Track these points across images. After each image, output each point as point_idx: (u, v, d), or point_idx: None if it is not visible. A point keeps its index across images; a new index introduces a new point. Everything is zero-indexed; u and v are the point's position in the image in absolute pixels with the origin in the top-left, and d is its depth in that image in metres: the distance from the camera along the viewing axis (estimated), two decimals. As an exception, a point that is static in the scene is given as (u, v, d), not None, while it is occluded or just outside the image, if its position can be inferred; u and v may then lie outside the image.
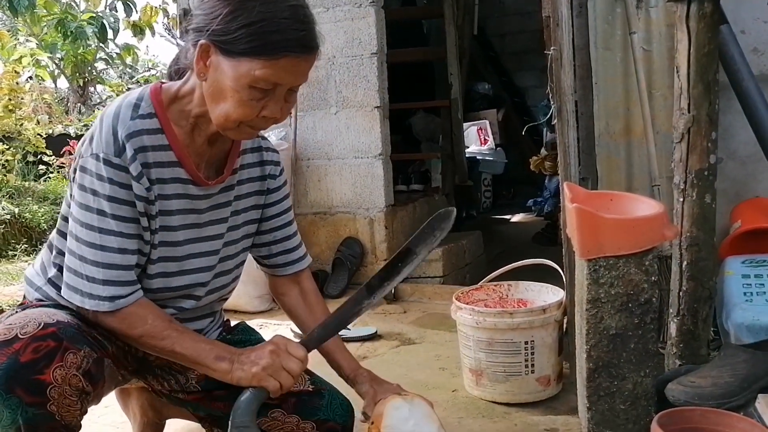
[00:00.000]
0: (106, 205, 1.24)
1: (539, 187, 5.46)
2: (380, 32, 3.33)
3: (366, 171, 3.36)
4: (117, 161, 1.23)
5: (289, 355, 1.29)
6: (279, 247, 1.54)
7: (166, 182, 1.31)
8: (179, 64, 1.36)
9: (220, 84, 1.21)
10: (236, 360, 1.28)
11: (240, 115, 1.22)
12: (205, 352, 1.28)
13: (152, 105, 1.29)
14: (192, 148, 1.34)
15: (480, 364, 2.00)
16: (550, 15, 2.11)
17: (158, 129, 1.29)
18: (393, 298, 3.16)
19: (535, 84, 6.64)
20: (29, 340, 1.14)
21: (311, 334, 1.41)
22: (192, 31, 1.25)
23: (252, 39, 1.17)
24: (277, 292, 1.60)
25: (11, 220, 4.88)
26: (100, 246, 1.24)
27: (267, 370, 1.27)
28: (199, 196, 1.36)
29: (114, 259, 1.24)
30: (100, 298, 1.24)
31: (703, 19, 1.65)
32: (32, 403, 1.12)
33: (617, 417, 1.52)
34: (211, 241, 1.40)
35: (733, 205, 2.45)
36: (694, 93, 1.67)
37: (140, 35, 9.20)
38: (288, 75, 1.21)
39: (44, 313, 1.22)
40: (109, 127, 1.25)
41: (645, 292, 1.48)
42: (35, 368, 1.12)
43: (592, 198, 1.64)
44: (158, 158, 1.29)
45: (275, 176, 1.51)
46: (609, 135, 2.55)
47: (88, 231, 1.24)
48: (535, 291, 2.20)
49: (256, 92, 1.20)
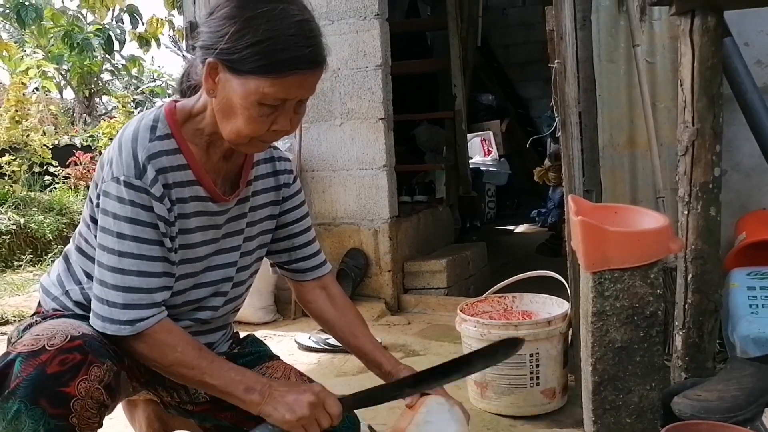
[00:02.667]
0: (126, 228, 1.24)
1: (543, 197, 5.47)
2: (384, 44, 3.35)
3: (370, 182, 3.36)
4: (138, 183, 1.24)
5: (325, 412, 1.27)
6: (299, 253, 1.55)
7: (186, 201, 1.32)
8: (191, 80, 1.37)
9: (229, 101, 1.22)
10: (268, 394, 1.26)
11: (251, 131, 1.23)
12: (234, 383, 1.26)
13: (168, 125, 1.30)
14: (209, 165, 1.35)
15: (485, 377, 2.00)
16: (554, 28, 2.13)
17: (176, 149, 1.30)
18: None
19: (539, 95, 6.66)
20: (56, 352, 1.15)
21: (352, 396, 1.39)
22: (200, 48, 1.25)
23: (259, 58, 1.17)
24: (304, 299, 1.59)
25: (17, 230, 4.90)
26: (119, 270, 1.23)
27: (301, 422, 1.24)
28: (218, 212, 1.37)
29: (133, 282, 1.23)
30: (120, 323, 1.23)
31: (706, 32, 1.65)
32: (55, 415, 1.13)
33: (623, 430, 1.51)
34: (228, 253, 1.41)
35: (738, 217, 2.45)
36: (698, 106, 1.67)
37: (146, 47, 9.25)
38: (296, 90, 1.22)
39: (70, 325, 1.23)
40: (129, 150, 1.25)
41: (650, 305, 1.48)
42: (61, 380, 1.14)
43: (597, 211, 1.64)
44: (177, 178, 1.30)
45: (289, 184, 1.52)
46: (613, 147, 2.55)
47: (109, 255, 1.24)
48: (540, 303, 2.20)
49: (266, 108, 1.21)
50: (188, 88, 1.38)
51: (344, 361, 2.55)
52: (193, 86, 1.36)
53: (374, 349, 1.51)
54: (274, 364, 1.50)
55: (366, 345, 1.50)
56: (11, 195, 5.42)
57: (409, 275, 3.47)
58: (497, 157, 6.11)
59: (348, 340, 1.55)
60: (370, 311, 3.16)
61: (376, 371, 1.51)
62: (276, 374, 1.47)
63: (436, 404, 1.38)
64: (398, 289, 3.40)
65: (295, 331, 2.99)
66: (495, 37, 6.89)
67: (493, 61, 6.82)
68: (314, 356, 2.70)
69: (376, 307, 3.24)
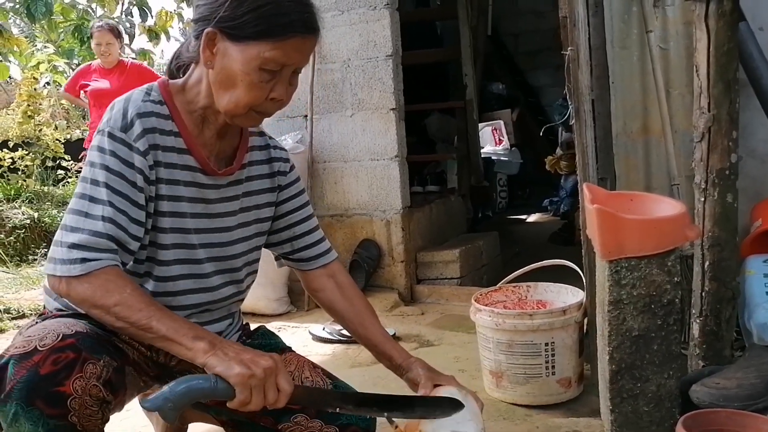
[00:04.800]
0: (101, 174, 1.23)
1: (555, 186, 5.44)
2: (395, 34, 3.34)
3: (382, 173, 3.36)
4: (121, 135, 1.25)
5: (275, 384, 1.18)
6: (301, 242, 1.54)
7: (175, 167, 1.32)
8: (181, 59, 1.38)
9: (228, 70, 1.24)
10: (219, 347, 1.17)
11: (251, 98, 1.25)
12: (183, 329, 1.17)
13: (161, 95, 1.32)
14: (201, 139, 1.35)
15: (500, 366, 2.00)
16: (567, 15, 2.11)
17: (168, 115, 1.31)
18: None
19: (550, 83, 6.62)
20: (48, 352, 1.13)
21: (305, 388, 1.37)
22: (196, 21, 1.28)
23: (259, 22, 1.21)
24: (311, 288, 1.58)
25: (31, 224, 4.95)
26: (85, 213, 1.21)
27: (251, 380, 1.14)
28: (208, 185, 1.37)
29: (96, 226, 1.20)
30: (71, 261, 1.17)
31: (722, 17, 1.63)
32: (53, 415, 1.11)
33: (641, 419, 1.51)
34: (220, 233, 1.40)
35: (753, 203, 2.42)
36: (714, 92, 1.66)
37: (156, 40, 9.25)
38: (296, 54, 1.25)
39: (63, 324, 1.21)
40: (120, 108, 1.27)
41: (668, 293, 1.47)
42: (55, 380, 1.12)
43: (612, 198, 1.63)
44: (167, 143, 1.30)
45: (285, 172, 1.52)
46: (627, 134, 2.53)
47: (79, 199, 1.23)
48: (555, 292, 2.20)
49: (266, 74, 1.24)
50: (177, 69, 1.39)
51: (359, 352, 2.56)
52: (182, 66, 1.37)
53: (384, 341, 1.50)
54: (287, 356, 1.49)
55: (376, 336, 1.49)
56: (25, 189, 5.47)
57: (422, 265, 3.47)
58: (508, 146, 6.09)
59: (357, 330, 1.54)
60: (383, 302, 3.16)
61: (386, 363, 1.50)
62: (289, 367, 1.45)
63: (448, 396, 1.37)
64: (411, 279, 3.40)
65: (309, 322, 3.00)
66: (505, 25, 6.85)
67: (504, 50, 6.79)
68: (329, 347, 2.70)
69: (389, 298, 3.24)
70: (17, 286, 4.10)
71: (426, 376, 1.42)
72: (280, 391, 1.18)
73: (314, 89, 3.42)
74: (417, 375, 1.43)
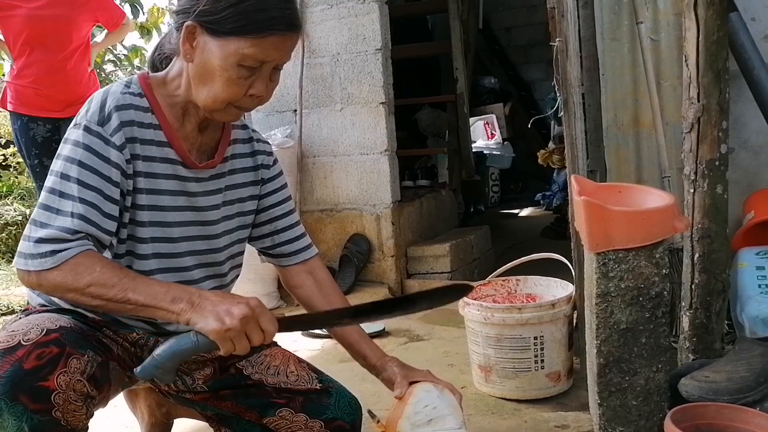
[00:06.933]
0: (73, 170, 1.20)
1: (547, 180, 5.43)
2: (384, 28, 3.31)
3: (372, 167, 3.33)
4: (97, 129, 1.23)
5: (257, 327, 1.18)
6: (282, 237, 1.52)
7: (154, 161, 1.30)
8: (164, 51, 1.36)
9: (207, 64, 1.23)
10: (197, 303, 1.17)
11: (229, 94, 1.24)
12: (160, 294, 1.16)
13: (141, 87, 1.31)
14: (182, 132, 1.33)
15: (489, 361, 1.98)
16: (555, 6, 2.09)
17: (147, 108, 1.29)
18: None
19: (542, 77, 6.60)
20: (32, 347, 1.12)
21: (290, 318, 1.34)
22: (176, 14, 1.26)
23: (239, 18, 1.19)
24: (290, 284, 1.56)
25: (23, 221, 4.91)
26: (56, 209, 1.19)
27: (229, 333, 1.14)
28: (189, 178, 1.35)
29: (66, 222, 1.18)
30: (41, 255, 1.15)
31: (711, 6, 1.61)
32: (37, 410, 1.10)
33: (629, 413, 1.49)
34: (204, 226, 1.38)
35: (746, 195, 2.41)
36: (704, 82, 1.64)
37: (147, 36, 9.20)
38: (275, 51, 1.23)
39: (47, 319, 1.20)
40: (98, 100, 1.25)
41: (656, 285, 1.45)
42: (39, 375, 1.11)
43: (601, 190, 1.61)
44: (146, 136, 1.28)
45: (269, 166, 1.50)
46: (617, 127, 2.51)
47: (49, 194, 1.20)
48: (544, 286, 2.18)
49: (244, 70, 1.22)
50: (160, 61, 1.37)
51: (348, 347, 2.53)
52: (165, 57, 1.36)
53: (360, 340, 1.48)
54: (272, 351, 1.48)
55: (351, 335, 1.47)
56: (17, 186, 5.43)
57: (412, 260, 3.45)
58: (500, 140, 6.07)
59: (333, 328, 1.52)
60: (373, 296, 3.14)
61: (361, 362, 1.48)
62: (275, 362, 1.45)
63: (423, 392, 1.35)
64: (401, 274, 3.38)
65: (299, 317, 2.97)
66: (496, 19, 6.82)
67: (495, 44, 6.76)
68: (318, 342, 2.68)
69: (379, 293, 3.22)
70: (8, 282, 4.08)
71: (401, 374, 1.41)
72: (264, 331, 1.19)
73: (303, 84, 3.39)
74: (392, 374, 1.43)
